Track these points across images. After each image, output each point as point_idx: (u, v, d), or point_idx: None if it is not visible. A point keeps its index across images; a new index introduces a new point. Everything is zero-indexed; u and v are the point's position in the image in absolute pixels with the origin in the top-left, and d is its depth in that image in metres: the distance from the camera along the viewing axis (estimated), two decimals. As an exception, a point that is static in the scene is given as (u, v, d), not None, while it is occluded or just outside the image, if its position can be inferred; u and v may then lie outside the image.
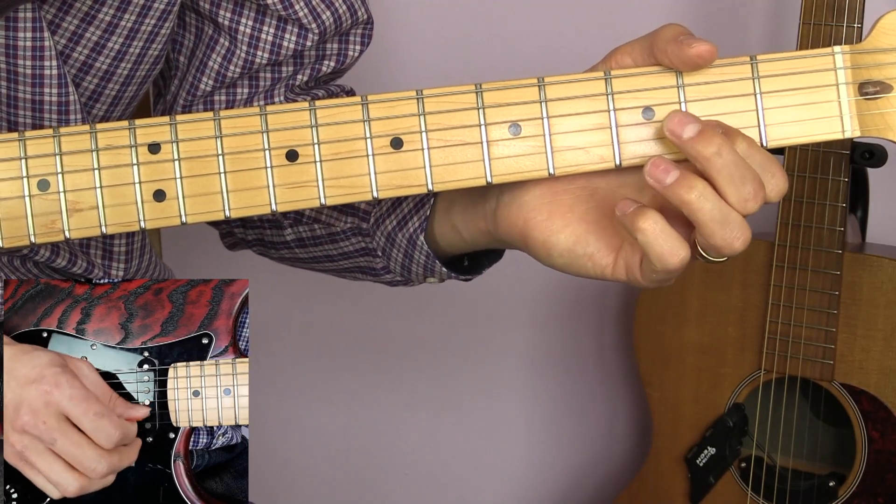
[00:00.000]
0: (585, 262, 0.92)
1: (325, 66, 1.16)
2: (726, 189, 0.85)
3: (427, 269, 1.08)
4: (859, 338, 1.67)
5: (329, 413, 2.22)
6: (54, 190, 0.88)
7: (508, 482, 2.22)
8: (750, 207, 0.86)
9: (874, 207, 1.78)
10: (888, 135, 0.89)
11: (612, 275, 0.91)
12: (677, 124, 0.86)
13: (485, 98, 0.89)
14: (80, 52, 1.06)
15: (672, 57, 0.88)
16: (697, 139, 0.86)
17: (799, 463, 1.77)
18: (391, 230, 1.09)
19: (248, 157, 0.89)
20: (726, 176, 0.85)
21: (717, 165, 0.85)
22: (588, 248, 0.91)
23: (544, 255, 0.93)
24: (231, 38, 1.13)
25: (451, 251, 1.08)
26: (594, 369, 2.15)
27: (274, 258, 1.23)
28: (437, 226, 1.06)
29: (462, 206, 1.02)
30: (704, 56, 0.87)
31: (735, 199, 0.85)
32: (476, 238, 1.02)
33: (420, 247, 1.07)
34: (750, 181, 0.85)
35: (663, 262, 0.86)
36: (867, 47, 0.89)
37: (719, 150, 0.85)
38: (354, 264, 1.16)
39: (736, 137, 0.87)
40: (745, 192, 0.85)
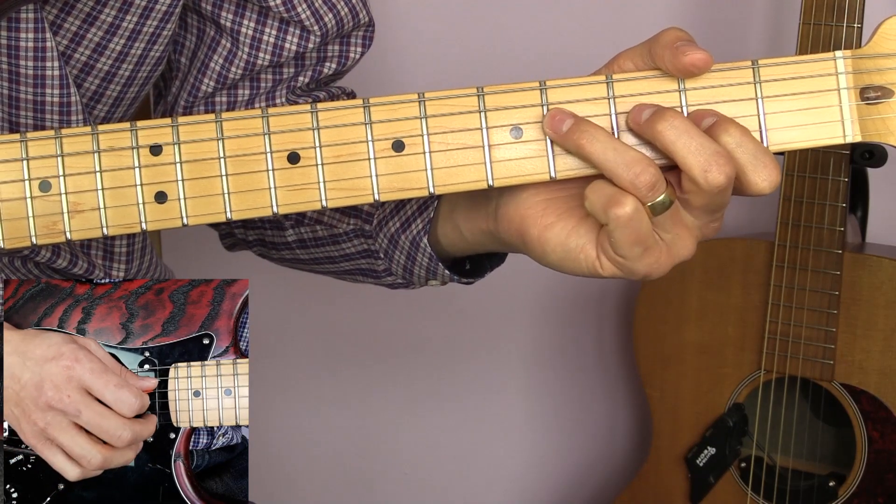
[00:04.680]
0: (578, 255, 0.92)
1: (326, 68, 1.16)
2: (685, 159, 0.86)
3: (430, 271, 1.08)
4: (859, 338, 1.67)
5: (329, 413, 2.22)
6: (56, 191, 0.88)
7: (508, 482, 2.22)
8: (712, 178, 0.86)
9: (874, 207, 1.78)
10: (889, 139, 0.89)
11: (601, 269, 0.91)
12: (636, 113, 0.88)
13: (486, 101, 0.89)
14: (82, 52, 1.06)
15: (668, 63, 0.88)
16: (652, 119, 0.87)
17: (799, 463, 1.77)
18: (394, 232, 1.09)
19: (249, 160, 0.89)
20: (681, 146, 0.86)
21: (671, 137, 0.86)
22: (580, 240, 0.92)
23: (539, 252, 0.94)
24: (233, 39, 1.13)
25: (454, 253, 1.08)
26: (594, 369, 2.15)
27: (274, 259, 1.23)
28: (441, 228, 1.06)
29: (465, 208, 1.02)
30: (698, 65, 0.88)
31: (696, 169, 0.86)
32: (478, 239, 1.02)
33: (423, 249, 1.07)
34: (707, 150, 0.86)
35: (608, 212, 0.87)
36: (868, 52, 0.89)
37: (671, 122, 0.86)
38: (355, 266, 1.16)
39: (728, 125, 0.87)
40: (702, 160, 0.85)
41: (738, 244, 1.74)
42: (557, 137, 0.88)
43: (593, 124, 0.88)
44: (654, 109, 0.88)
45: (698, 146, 0.86)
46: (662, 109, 0.87)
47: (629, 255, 0.89)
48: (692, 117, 0.89)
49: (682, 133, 0.86)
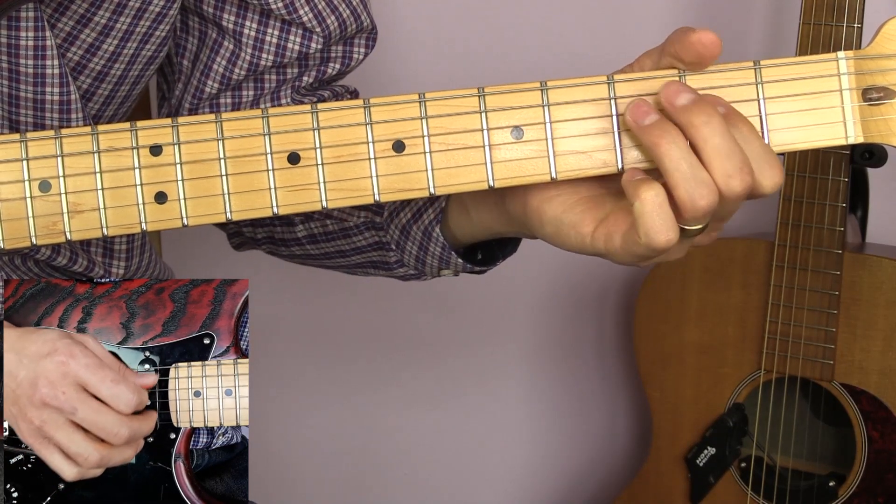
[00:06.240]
0: (569, 231, 0.91)
1: (330, 69, 1.16)
2: (711, 161, 0.85)
3: (442, 261, 1.08)
4: (859, 338, 1.67)
5: (329, 413, 2.22)
6: (56, 191, 0.88)
7: (508, 482, 2.22)
8: (733, 185, 0.85)
9: (874, 207, 1.78)
10: (891, 140, 0.89)
11: (591, 244, 0.91)
12: (673, 92, 0.87)
13: (487, 102, 0.89)
14: (75, 52, 1.06)
15: (676, 46, 0.87)
16: (690, 107, 0.86)
17: (799, 463, 1.77)
18: (406, 223, 1.09)
19: (249, 160, 0.89)
20: (712, 147, 0.85)
21: (705, 134, 0.85)
22: (574, 216, 0.91)
23: (537, 223, 0.94)
24: (235, 41, 1.13)
25: (464, 240, 1.08)
26: (594, 369, 2.15)
27: (284, 256, 1.23)
28: (452, 215, 1.06)
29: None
30: (705, 42, 0.86)
31: (719, 173, 0.85)
32: (486, 220, 1.02)
33: (436, 238, 1.07)
34: (737, 158, 0.85)
35: (650, 237, 0.85)
36: (870, 53, 0.89)
37: (709, 119, 0.85)
38: (367, 259, 1.15)
39: (737, 120, 0.87)
40: (729, 167, 0.85)
41: (738, 244, 1.74)
42: (635, 127, 0.87)
43: (676, 129, 0.86)
44: (694, 98, 0.86)
45: (729, 151, 0.85)
46: (701, 100, 0.86)
47: (638, 253, 0.88)
48: (708, 98, 0.87)
49: (718, 134, 0.85)
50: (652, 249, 0.86)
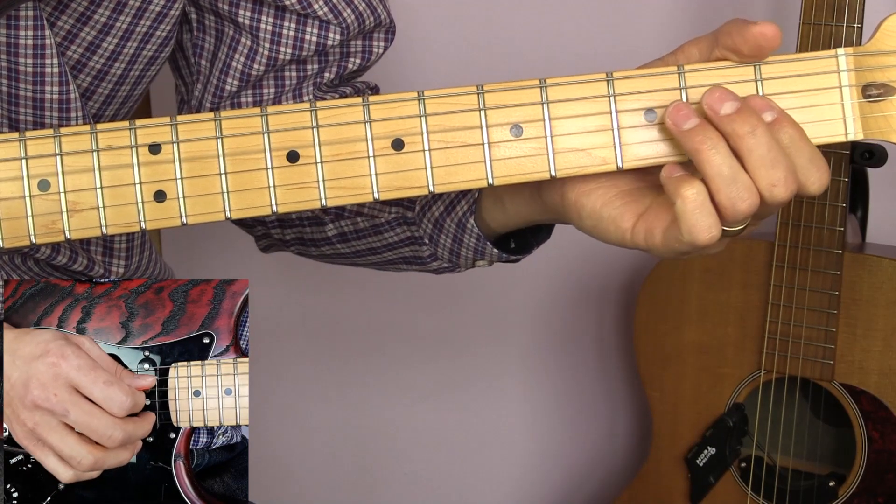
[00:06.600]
0: (608, 226, 0.91)
1: (350, 64, 1.16)
2: (756, 171, 0.84)
3: (477, 251, 1.08)
4: (859, 338, 1.67)
5: (329, 413, 2.22)
6: (55, 190, 0.88)
7: (508, 482, 2.22)
8: (777, 193, 0.85)
9: (874, 207, 1.77)
10: (891, 137, 0.88)
11: (630, 239, 0.91)
12: (717, 100, 0.86)
13: (486, 99, 0.89)
14: (74, 51, 1.06)
15: (736, 37, 0.87)
16: (734, 116, 0.85)
17: (799, 463, 1.77)
18: (439, 216, 1.08)
19: (248, 158, 0.88)
20: (757, 157, 0.84)
21: (750, 145, 0.84)
22: (613, 210, 0.91)
23: (575, 216, 0.93)
24: (253, 36, 1.13)
25: (499, 230, 1.07)
26: (594, 369, 2.15)
27: (314, 256, 1.22)
28: (485, 206, 1.05)
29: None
30: (767, 34, 0.86)
31: (764, 183, 0.84)
32: (522, 211, 1.02)
33: (470, 230, 1.06)
34: (781, 167, 0.84)
35: (693, 234, 0.85)
36: (870, 49, 0.89)
37: (754, 129, 0.84)
38: (399, 255, 1.15)
39: (787, 125, 0.86)
40: (774, 177, 0.84)
41: (737, 244, 1.74)
42: (675, 131, 0.86)
43: (717, 133, 0.85)
44: (738, 106, 0.85)
45: (773, 161, 0.85)
46: (745, 108, 0.85)
47: (679, 249, 0.88)
48: (754, 104, 0.86)
49: (762, 144, 0.85)
50: (694, 247, 0.86)
